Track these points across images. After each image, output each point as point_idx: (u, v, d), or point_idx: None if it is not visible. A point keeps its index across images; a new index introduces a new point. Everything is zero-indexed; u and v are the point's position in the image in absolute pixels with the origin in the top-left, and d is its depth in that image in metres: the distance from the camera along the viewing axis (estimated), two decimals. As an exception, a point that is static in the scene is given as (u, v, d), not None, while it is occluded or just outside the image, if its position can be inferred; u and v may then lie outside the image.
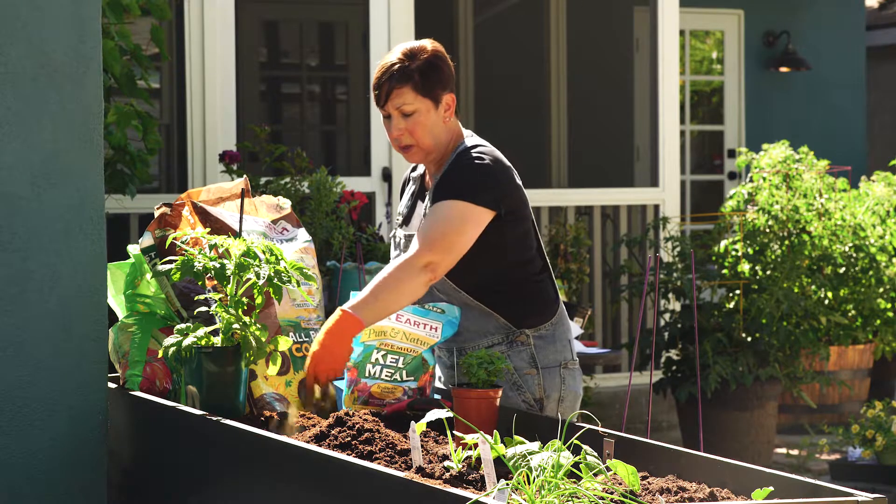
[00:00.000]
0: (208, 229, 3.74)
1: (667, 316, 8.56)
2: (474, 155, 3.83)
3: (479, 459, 2.87)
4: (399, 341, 3.70)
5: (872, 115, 13.76)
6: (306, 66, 9.54)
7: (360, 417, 3.25)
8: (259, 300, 3.47)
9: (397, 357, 3.69)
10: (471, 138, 3.94)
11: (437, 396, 3.74)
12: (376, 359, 3.68)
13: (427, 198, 3.92)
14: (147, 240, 3.82)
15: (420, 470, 2.84)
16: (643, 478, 2.94)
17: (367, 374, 3.67)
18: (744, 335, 8.16)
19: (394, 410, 3.57)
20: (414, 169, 4.10)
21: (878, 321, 8.90)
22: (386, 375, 3.67)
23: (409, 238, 3.93)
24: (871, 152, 13.40)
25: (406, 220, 4.01)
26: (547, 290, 3.95)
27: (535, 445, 2.81)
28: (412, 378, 3.68)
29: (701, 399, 7.48)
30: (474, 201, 3.76)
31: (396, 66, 3.82)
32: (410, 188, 4.06)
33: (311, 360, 3.60)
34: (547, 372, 3.89)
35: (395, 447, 3.08)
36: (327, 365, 3.59)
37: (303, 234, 3.99)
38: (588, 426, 3.20)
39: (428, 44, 3.89)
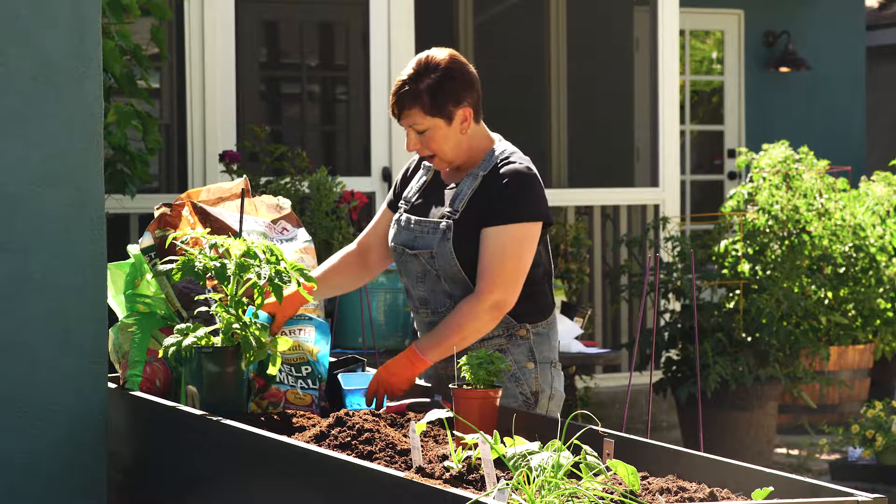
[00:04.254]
0: (208, 229, 3.74)
1: (667, 316, 8.55)
2: (512, 170, 3.86)
3: (479, 459, 2.87)
4: (284, 352, 3.68)
5: (872, 115, 13.76)
6: (306, 66, 9.54)
7: (361, 417, 3.25)
8: (259, 300, 3.47)
9: (289, 367, 3.69)
10: (500, 143, 3.97)
11: (437, 397, 3.75)
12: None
13: (452, 196, 3.92)
14: (147, 240, 3.82)
15: (420, 470, 2.84)
16: (643, 478, 2.94)
17: (277, 381, 3.66)
18: (744, 335, 8.16)
19: (394, 410, 3.58)
20: (419, 162, 4.10)
21: (878, 321, 8.90)
22: (292, 382, 3.68)
23: (419, 223, 3.94)
24: (871, 152, 13.40)
25: (417, 210, 4.00)
26: (546, 294, 4.01)
27: (535, 445, 2.81)
28: (315, 387, 3.69)
29: (701, 399, 7.48)
30: (527, 219, 3.83)
31: (406, 89, 3.84)
32: (420, 178, 4.05)
33: (375, 378, 3.78)
34: (542, 367, 3.96)
35: (395, 447, 3.08)
36: (390, 384, 3.77)
37: (303, 234, 4.00)
38: (588, 426, 3.20)
39: (443, 57, 3.87)
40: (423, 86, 3.82)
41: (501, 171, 3.86)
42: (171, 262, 3.50)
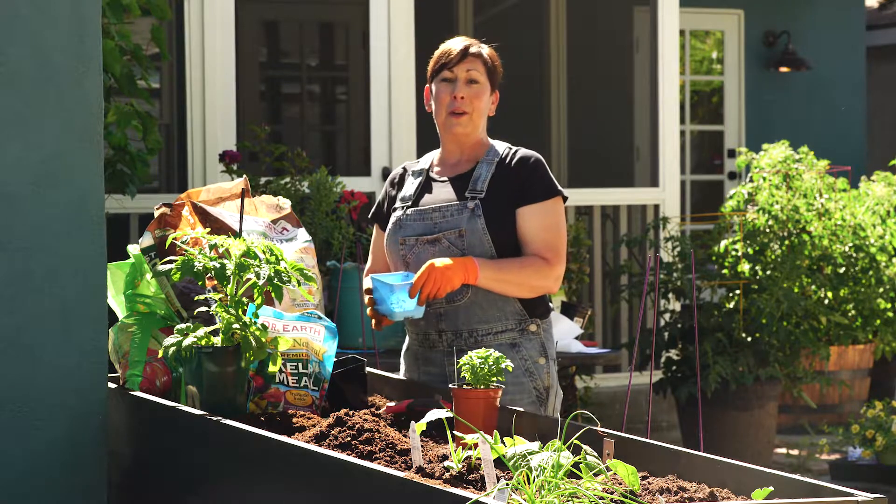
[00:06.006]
0: (208, 229, 3.74)
1: (667, 316, 8.55)
2: (531, 154, 4.04)
3: (479, 459, 2.87)
4: (291, 349, 3.66)
5: (872, 115, 13.76)
6: (306, 66, 9.55)
7: (360, 417, 3.25)
8: (259, 300, 3.47)
9: (295, 363, 3.67)
10: (496, 141, 4.12)
11: (437, 397, 3.74)
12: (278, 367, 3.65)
13: (472, 179, 4.00)
14: (147, 240, 3.82)
15: (420, 470, 2.84)
16: (643, 478, 2.94)
17: (277, 381, 3.65)
18: (744, 335, 8.16)
19: (394, 411, 3.57)
20: (403, 172, 4.13)
21: (878, 321, 8.90)
22: (293, 382, 3.66)
23: (437, 209, 4.00)
24: (871, 152, 13.40)
25: (415, 202, 4.07)
26: None
27: (535, 445, 2.81)
28: (316, 388, 3.67)
29: (701, 399, 7.48)
30: (559, 194, 4.01)
31: (473, 45, 4.06)
32: (413, 183, 4.08)
33: (427, 270, 3.82)
34: (550, 363, 4.03)
35: (395, 447, 3.08)
36: (443, 277, 3.83)
37: (303, 234, 4.00)
38: (588, 426, 3.20)
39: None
40: (486, 53, 4.07)
41: (520, 155, 4.02)
42: (171, 262, 3.50)
